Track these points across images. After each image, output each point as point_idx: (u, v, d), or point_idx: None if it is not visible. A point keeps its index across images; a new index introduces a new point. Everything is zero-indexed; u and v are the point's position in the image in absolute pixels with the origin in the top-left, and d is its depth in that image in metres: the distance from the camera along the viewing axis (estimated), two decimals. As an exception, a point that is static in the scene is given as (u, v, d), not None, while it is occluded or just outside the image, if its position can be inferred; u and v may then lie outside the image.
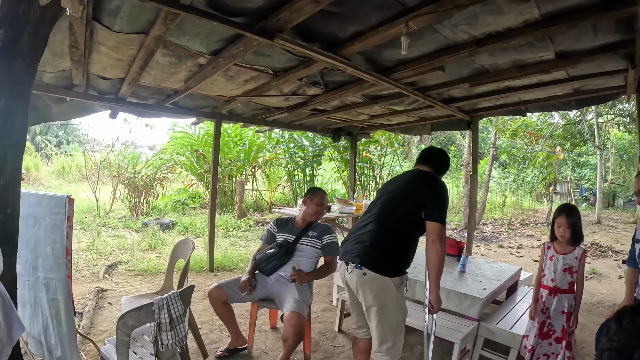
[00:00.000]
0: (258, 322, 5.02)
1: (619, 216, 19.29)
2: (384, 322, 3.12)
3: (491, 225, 15.42)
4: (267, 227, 4.64)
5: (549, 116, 19.83)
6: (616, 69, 4.46)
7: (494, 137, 16.68)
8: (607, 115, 19.03)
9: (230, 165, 14.39)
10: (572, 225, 3.71)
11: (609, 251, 11.04)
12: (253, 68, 4.30)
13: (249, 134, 14.50)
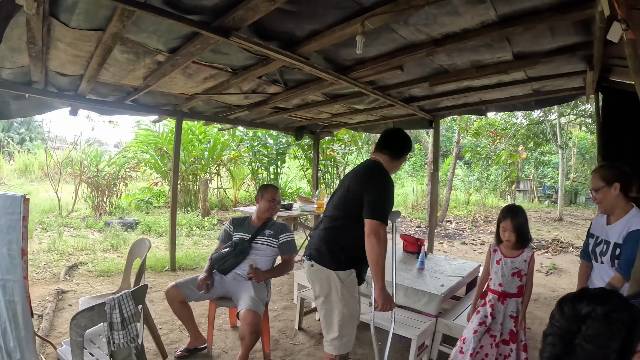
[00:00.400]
0: (218, 321, 5.00)
1: (581, 213, 19.68)
2: (329, 314, 3.23)
3: (455, 223, 15.57)
4: (224, 227, 4.61)
5: (513, 116, 20.17)
6: (575, 71, 4.56)
7: (458, 136, 16.86)
8: (569, 116, 19.45)
9: (195, 164, 14.26)
10: (517, 228, 3.52)
11: (570, 247, 11.30)
12: (212, 66, 4.27)
13: (213, 131, 14.38)
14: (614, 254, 3.01)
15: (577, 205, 23.38)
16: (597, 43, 3.40)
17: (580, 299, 1.44)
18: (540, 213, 19.26)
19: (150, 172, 15.80)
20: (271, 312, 5.46)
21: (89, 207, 12.91)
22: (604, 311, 1.35)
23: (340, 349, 3.23)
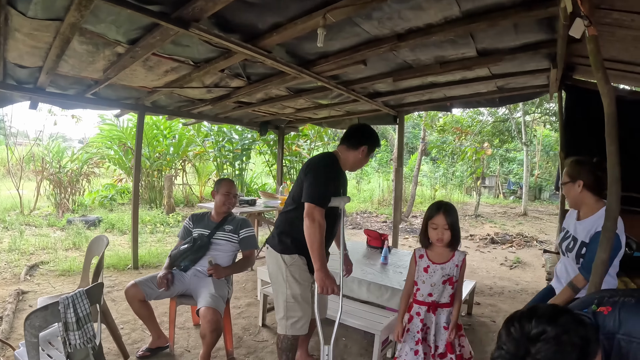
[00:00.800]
0: (181, 319, 4.94)
1: (545, 208, 20.04)
2: (276, 294, 3.43)
3: (421, 218, 15.51)
4: (183, 224, 4.53)
5: (479, 113, 20.45)
6: (539, 69, 4.59)
7: (423, 132, 17.04)
8: (534, 114, 19.88)
9: (160, 159, 14.05)
10: (451, 225, 3.14)
11: (534, 241, 11.54)
12: (173, 58, 4.18)
13: (178, 127, 14.18)
14: (579, 252, 3.02)
15: (541, 201, 23.84)
16: (561, 41, 3.43)
17: (528, 318, 1.36)
18: (505, 208, 19.57)
19: (114, 168, 15.46)
20: (235, 309, 5.42)
21: (51, 205, 12.60)
22: (554, 333, 1.29)
23: (287, 329, 3.37)
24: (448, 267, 3.19)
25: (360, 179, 21.31)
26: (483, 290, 6.82)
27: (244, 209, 6.76)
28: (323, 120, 8.08)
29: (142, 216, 11.59)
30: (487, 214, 17.30)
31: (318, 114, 7.57)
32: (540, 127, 24.81)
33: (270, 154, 13.17)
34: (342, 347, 4.47)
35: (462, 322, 5.22)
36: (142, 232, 10.10)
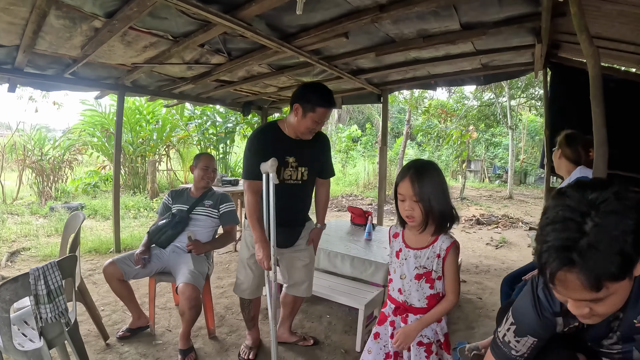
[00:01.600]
0: (162, 300, 4.89)
1: (530, 192, 20.18)
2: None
3: None
4: (163, 200, 4.47)
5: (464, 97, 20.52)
6: (523, 44, 4.56)
7: (408, 115, 17.05)
8: (519, 98, 19.92)
9: (143, 145, 13.89)
10: (422, 198, 2.20)
11: (519, 222, 11.64)
12: (152, 33, 4.06)
13: (162, 111, 14.04)
14: None
15: (526, 185, 24.00)
16: (545, 14, 3.41)
17: (582, 186, 1.30)
18: (491, 192, 19.67)
19: (98, 155, 15.30)
20: (217, 289, 5.39)
21: (34, 194, 12.42)
22: (612, 192, 1.22)
23: (234, 289, 3.65)
24: (424, 255, 2.30)
25: (346, 163, 21.28)
26: (469, 269, 6.85)
27: (226, 188, 6.71)
28: (306, 100, 7.86)
29: (126, 202, 11.52)
30: (472, 197, 17.37)
31: (301, 93, 7.39)
32: (525, 112, 24.97)
33: None
34: (327, 325, 4.43)
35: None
36: (125, 217, 10.06)
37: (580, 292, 1.25)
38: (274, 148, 3.16)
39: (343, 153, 20.98)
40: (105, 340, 3.86)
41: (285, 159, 3.24)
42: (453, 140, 18.25)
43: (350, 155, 21.47)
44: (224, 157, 13.61)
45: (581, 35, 2.63)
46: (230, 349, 3.90)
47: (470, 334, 4.26)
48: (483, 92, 20.47)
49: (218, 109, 12.48)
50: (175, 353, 3.70)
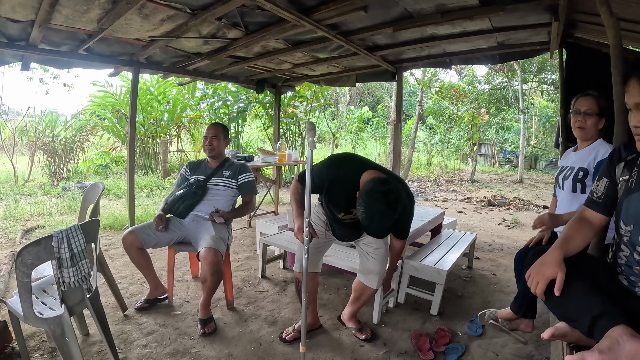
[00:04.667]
0: (179, 273, 4.94)
1: (540, 177, 20.22)
2: None
3: (417, 182, 15.89)
4: (180, 171, 4.47)
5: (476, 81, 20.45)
6: (540, 22, 4.51)
7: (421, 95, 17.02)
8: (531, 82, 19.80)
9: (154, 126, 13.92)
10: None
11: (530, 204, 11.71)
12: (169, 5, 4.02)
13: (173, 92, 14.02)
14: (576, 177, 3.15)
15: (537, 171, 24.04)
16: (563, -10, 3.39)
17: None
18: (501, 176, 19.71)
19: (108, 136, 15.35)
20: (234, 262, 5.44)
21: (46, 175, 12.43)
22: None
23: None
24: None
25: (357, 144, 21.26)
26: (482, 247, 6.88)
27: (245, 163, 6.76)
28: (320, 78, 7.95)
29: (138, 181, 11.61)
30: (483, 180, 17.39)
31: (315, 70, 7.41)
32: (537, 97, 24.85)
33: (266, 116, 12.94)
34: (344, 297, 4.47)
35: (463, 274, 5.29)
36: (138, 196, 10.08)
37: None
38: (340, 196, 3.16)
39: (354, 134, 20.92)
40: (123, 312, 3.91)
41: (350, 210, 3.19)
42: (465, 123, 18.23)
43: (360, 137, 21.44)
44: (236, 136, 13.52)
45: (602, 6, 2.63)
46: (249, 319, 3.94)
47: (486, 307, 4.25)
48: (495, 75, 20.39)
49: (230, 88, 12.38)
50: (194, 323, 3.74)
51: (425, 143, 24.87)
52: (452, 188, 14.79)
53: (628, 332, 1.59)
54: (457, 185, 15.77)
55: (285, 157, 7.50)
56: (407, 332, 3.80)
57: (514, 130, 25.75)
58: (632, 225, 1.86)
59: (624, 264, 1.93)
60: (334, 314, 4.07)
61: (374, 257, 3.35)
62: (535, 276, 1.90)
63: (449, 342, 3.63)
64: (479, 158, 24.58)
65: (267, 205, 9.01)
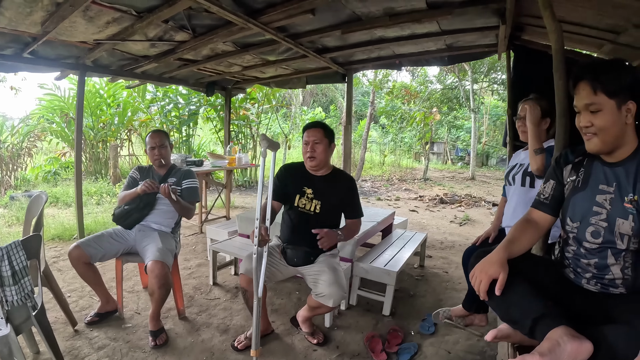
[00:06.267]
0: (130, 283, 4.85)
1: (492, 174, 20.70)
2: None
3: (370, 182, 16.07)
4: (129, 174, 4.34)
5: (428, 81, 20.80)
6: (488, 25, 4.61)
7: (372, 96, 17.17)
8: (482, 82, 20.27)
9: (104, 130, 13.57)
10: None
11: (482, 201, 11.99)
12: (114, 8, 3.93)
13: (123, 94, 13.67)
14: (525, 172, 3.28)
15: (488, 167, 24.68)
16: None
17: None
18: (453, 173, 20.11)
19: (57, 141, 14.87)
20: (185, 270, 5.37)
21: (-7, 184, 12.02)
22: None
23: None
24: None
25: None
26: (434, 245, 7.00)
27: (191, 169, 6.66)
28: (271, 80, 7.89)
29: (88, 188, 11.28)
30: (435, 178, 17.68)
31: (265, 72, 7.40)
32: (488, 96, 25.43)
33: (218, 119, 12.78)
34: (296, 301, 4.47)
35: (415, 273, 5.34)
36: (87, 203, 9.84)
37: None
38: (294, 178, 3.58)
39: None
40: (73, 327, 3.79)
41: (303, 189, 3.53)
42: (417, 122, 18.48)
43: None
44: (188, 139, 13.34)
45: (545, 11, 2.70)
46: (201, 328, 3.89)
47: (439, 305, 4.36)
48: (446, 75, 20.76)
49: (181, 90, 12.20)
50: (146, 335, 3.67)
51: (378, 143, 25.08)
52: (404, 187, 15.03)
53: (568, 333, 1.66)
54: (410, 183, 16.01)
55: (236, 161, 7.47)
56: (360, 334, 3.82)
57: (465, 128, 26.25)
58: (578, 221, 2.00)
59: (571, 257, 2.08)
60: (286, 319, 4.05)
61: (324, 281, 3.33)
62: (479, 275, 1.97)
63: (402, 342, 3.67)
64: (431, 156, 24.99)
65: (219, 209, 8.91)
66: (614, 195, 1.90)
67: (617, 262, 1.90)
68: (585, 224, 1.97)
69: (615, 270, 1.91)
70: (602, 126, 1.84)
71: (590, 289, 2.01)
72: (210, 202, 8.24)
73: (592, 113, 1.86)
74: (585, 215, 1.98)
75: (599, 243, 1.93)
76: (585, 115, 1.90)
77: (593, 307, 1.96)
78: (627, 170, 1.89)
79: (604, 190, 1.94)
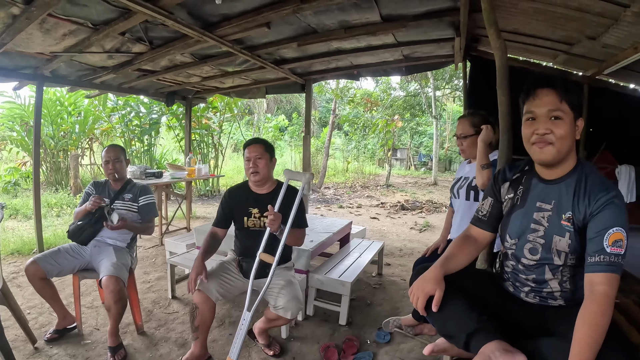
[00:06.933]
0: (89, 298, 4.77)
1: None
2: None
3: (333, 189, 16.08)
4: (85, 190, 4.28)
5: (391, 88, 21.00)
6: (443, 37, 4.76)
7: (334, 104, 17.28)
8: (444, 89, 20.57)
9: (65, 138, 13.27)
10: None
11: (443, 207, 12.18)
12: (71, 20, 3.94)
13: (84, 102, 13.39)
14: (469, 186, 3.34)
15: (451, 172, 25.04)
16: (463, 9, 3.58)
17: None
18: (416, 179, 20.31)
19: (17, 150, 14.55)
20: (144, 283, 5.33)
21: (-48, 197, 11.68)
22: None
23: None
24: None
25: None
26: (393, 252, 7.08)
27: (150, 181, 6.51)
28: (231, 90, 7.94)
29: (48, 199, 11.04)
30: (398, 184, 17.82)
31: (225, 83, 7.44)
32: (450, 103, 25.77)
33: (180, 128, 12.64)
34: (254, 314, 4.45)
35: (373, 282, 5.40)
36: (47, 215, 9.67)
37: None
38: (239, 201, 3.64)
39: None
40: (33, 344, 3.71)
41: (249, 210, 3.59)
42: (379, 130, 18.63)
43: (277, 145, 21.46)
44: (149, 149, 13.19)
45: (490, 28, 2.81)
46: (159, 343, 3.87)
47: (395, 313, 4.41)
48: (409, 82, 20.98)
49: (142, 99, 12.06)
50: (105, 351, 3.62)
51: (341, 149, 25.18)
52: (367, 194, 15.13)
53: (501, 348, 1.72)
54: (373, 190, 16.14)
55: (195, 172, 7.40)
56: (316, 344, 3.85)
57: (428, 134, 26.55)
58: (516, 238, 2.06)
59: (510, 271, 2.13)
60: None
61: (282, 294, 3.37)
62: (416, 292, 2.02)
63: (357, 351, 3.70)
64: (394, 162, 25.25)
65: (179, 220, 8.79)
66: (551, 212, 1.96)
67: (555, 276, 1.96)
68: (523, 240, 2.03)
69: (553, 284, 1.97)
70: (561, 135, 1.86)
71: (529, 301, 2.07)
72: (171, 213, 8.13)
73: (553, 120, 1.88)
74: (523, 232, 2.03)
75: (537, 260, 1.98)
76: (544, 122, 1.90)
77: (531, 319, 2.02)
78: (566, 187, 1.94)
79: (542, 208, 1.99)
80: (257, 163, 3.50)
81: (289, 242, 3.44)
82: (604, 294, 1.66)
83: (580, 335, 1.61)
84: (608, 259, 1.69)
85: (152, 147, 13.21)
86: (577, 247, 1.87)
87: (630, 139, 5.03)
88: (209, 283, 3.32)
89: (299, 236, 3.55)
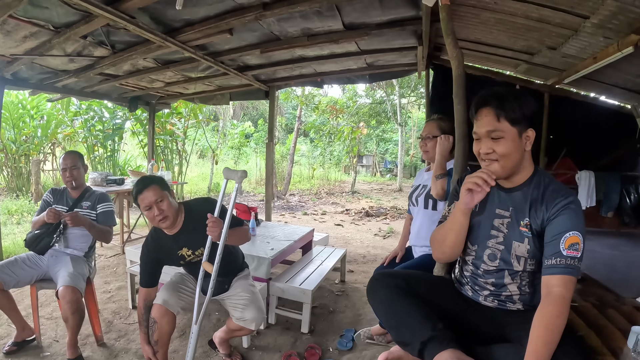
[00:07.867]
0: (48, 309, 4.66)
1: (420, 185, 21.02)
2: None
3: (298, 196, 16.11)
4: (43, 197, 4.18)
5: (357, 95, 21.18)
6: (406, 46, 4.82)
7: (299, 111, 17.35)
8: (409, 97, 20.80)
9: (27, 143, 12.92)
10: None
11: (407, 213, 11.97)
12: (32, 22, 3.85)
13: (47, 106, 13.07)
14: (428, 194, 3.38)
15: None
16: (425, 19, 3.63)
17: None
18: (382, 185, 20.46)
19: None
20: (105, 293, 5.24)
21: None
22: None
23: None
24: None
25: (238, 160, 21.12)
26: (356, 259, 7.11)
27: (111, 188, 6.42)
28: (194, 96, 7.88)
29: (8, 206, 10.78)
30: (363, 191, 17.92)
31: (188, 89, 7.40)
32: (415, 110, 26.05)
33: (144, 134, 12.45)
34: (215, 322, 4.43)
35: (336, 289, 5.41)
36: (7, 223, 9.40)
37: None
38: (164, 253, 3.26)
39: (236, 150, 20.80)
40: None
41: (178, 254, 3.27)
42: (345, 137, 18.74)
43: (243, 152, 21.37)
44: (112, 155, 12.99)
45: (447, 38, 2.86)
46: (119, 354, 3.80)
47: (358, 320, 4.45)
48: (375, 90, 21.17)
49: (106, 104, 11.89)
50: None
51: (307, 156, 25.22)
52: (332, 200, 15.19)
53: (454, 356, 1.76)
54: (338, 197, 16.21)
55: (157, 178, 7.24)
56: (278, 353, 3.83)
57: (393, 141, 26.79)
58: (476, 245, 2.11)
59: (469, 276, 2.19)
60: (204, 341, 3.97)
61: (244, 305, 3.31)
62: None
63: (319, 359, 3.71)
64: (360, 169, 25.42)
65: (142, 228, 8.64)
66: (510, 219, 2.01)
67: (514, 281, 2.02)
68: (483, 247, 2.08)
69: (512, 288, 2.03)
70: (503, 152, 1.92)
71: (487, 305, 2.12)
72: (133, 220, 8.02)
73: (494, 140, 1.93)
74: (483, 238, 2.09)
75: (496, 265, 2.04)
76: (486, 142, 1.96)
77: (489, 324, 2.07)
78: (523, 195, 2.00)
79: (501, 215, 2.05)
80: (160, 207, 3.06)
81: (236, 242, 3.34)
82: (560, 295, 1.71)
83: (537, 335, 1.65)
84: (564, 262, 1.74)
85: (115, 153, 13.00)
86: (536, 252, 1.93)
87: (590, 145, 5.19)
88: (169, 298, 3.20)
89: (243, 233, 3.40)
